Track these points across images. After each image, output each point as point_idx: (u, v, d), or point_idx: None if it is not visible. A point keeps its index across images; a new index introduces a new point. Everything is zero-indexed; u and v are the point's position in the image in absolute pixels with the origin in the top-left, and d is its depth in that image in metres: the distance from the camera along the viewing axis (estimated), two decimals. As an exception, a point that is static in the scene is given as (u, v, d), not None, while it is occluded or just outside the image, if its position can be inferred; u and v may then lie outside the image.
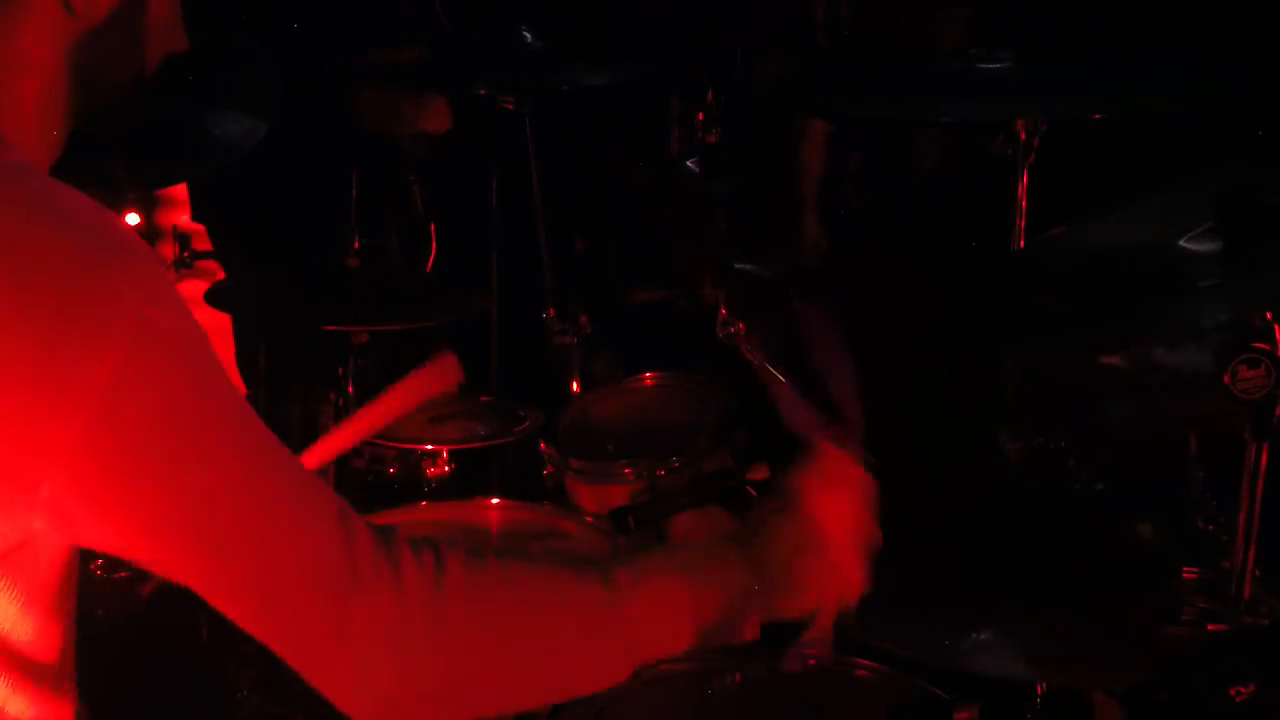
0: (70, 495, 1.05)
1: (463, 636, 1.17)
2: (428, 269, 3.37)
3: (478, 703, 1.22)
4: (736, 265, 2.89)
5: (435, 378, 2.23)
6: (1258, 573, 1.43)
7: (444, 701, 1.20)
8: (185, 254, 2.89)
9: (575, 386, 2.75)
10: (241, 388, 3.25)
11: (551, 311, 2.78)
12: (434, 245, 3.39)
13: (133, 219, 3.16)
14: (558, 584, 1.23)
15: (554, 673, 1.24)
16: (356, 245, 2.77)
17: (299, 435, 2.94)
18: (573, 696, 1.25)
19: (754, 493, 2.16)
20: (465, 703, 1.21)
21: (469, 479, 2.70)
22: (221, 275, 3.10)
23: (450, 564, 1.16)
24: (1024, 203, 2.07)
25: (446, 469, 2.64)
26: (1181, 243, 1.49)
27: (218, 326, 3.11)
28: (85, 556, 1.18)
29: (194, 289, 2.77)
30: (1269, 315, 1.35)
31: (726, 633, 1.28)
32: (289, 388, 3.26)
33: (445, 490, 2.63)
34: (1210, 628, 1.45)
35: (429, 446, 2.65)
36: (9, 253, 1.03)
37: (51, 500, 1.05)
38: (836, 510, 1.33)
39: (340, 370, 2.79)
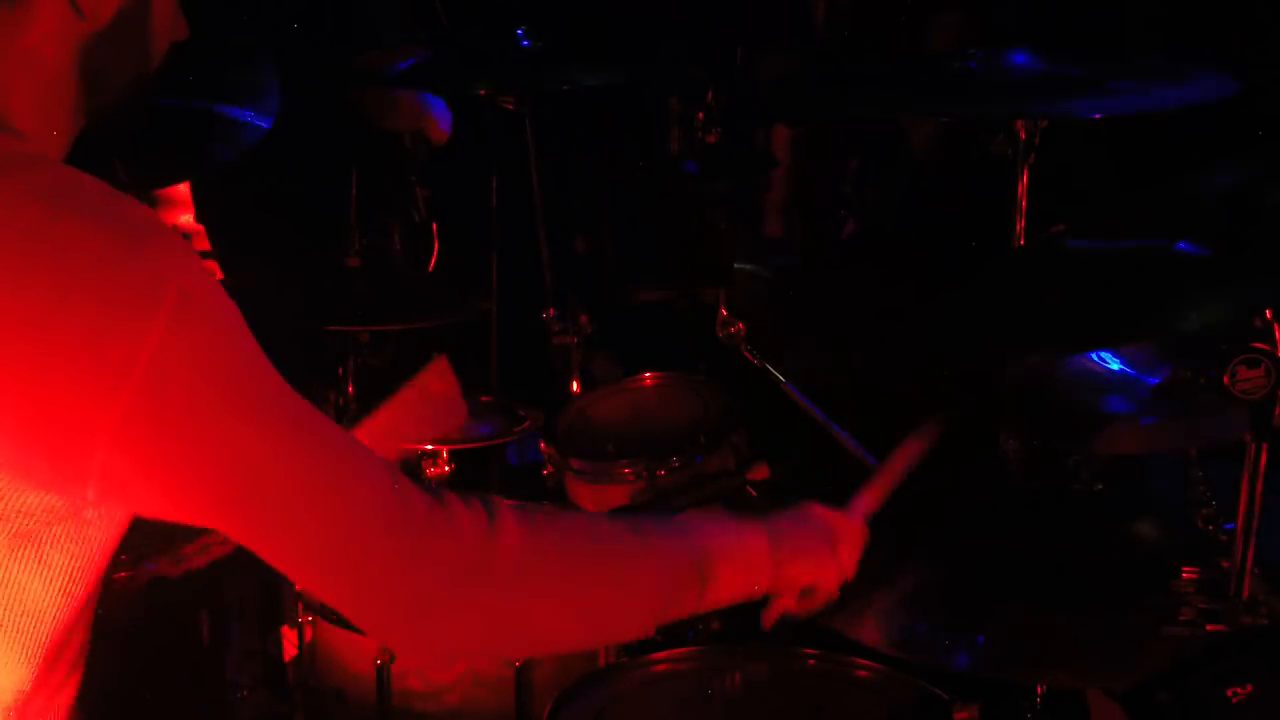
0: (123, 464, 1.07)
1: (516, 574, 1.22)
2: (430, 269, 3.37)
3: (528, 639, 1.30)
4: (736, 265, 2.89)
5: (428, 383, 2.22)
6: (1256, 571, 1.43)
7: (496, 637, 1.26)
8: (185, 254, 2.88)
9: (575, 386, 2.75)
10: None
11: (551, 311, 2.78)
12: (436, 245, 3.39)
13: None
14: (597, 527, 1.33)
15: (593, 613, 1.30)
16: (357, 245, 2.76)
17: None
18: (607, 640, 1.38)
19: (754, 493, 2.16)
20: (516, 639, 1.29)
21: (469, 479, 2.70)
22: (221, 275, 3.10)
23: (502, 509, 1.23)
24: (1024, 203, 2.06)
25: (446, 469, 2.64)
26: (1181, 242, 1.49)
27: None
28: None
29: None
30: (1269, 314, 1.35)
31: (741, 589, 1.39)
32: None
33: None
34: (1209, 628, 1.45)
35: (429, 446, 2.65)
36: (43, 240, 1.05)
37: (104, 471, 1.07)
38: (845, 531, 1.50)
39: (340, 370, 2.78)
